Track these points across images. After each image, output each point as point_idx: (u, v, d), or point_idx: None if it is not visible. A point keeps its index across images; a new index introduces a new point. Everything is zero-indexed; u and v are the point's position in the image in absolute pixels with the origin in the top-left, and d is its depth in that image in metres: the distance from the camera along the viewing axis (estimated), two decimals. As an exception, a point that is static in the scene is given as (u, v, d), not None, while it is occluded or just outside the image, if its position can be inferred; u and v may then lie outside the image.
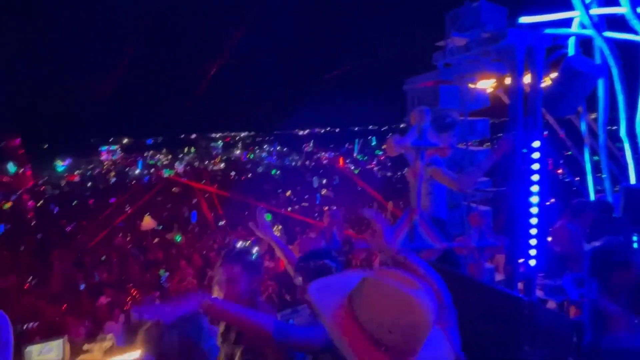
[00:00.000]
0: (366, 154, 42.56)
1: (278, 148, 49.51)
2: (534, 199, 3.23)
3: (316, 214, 12.26)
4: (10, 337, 0.95)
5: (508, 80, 3.66)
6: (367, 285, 0.98)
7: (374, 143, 46.79)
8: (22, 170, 13.68)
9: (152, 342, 1.43)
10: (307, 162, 38.54)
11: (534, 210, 3.25)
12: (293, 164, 39.63)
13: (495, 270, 3.62)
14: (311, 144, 48.44)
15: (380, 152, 41.42)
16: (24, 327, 5.49)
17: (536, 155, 3.22)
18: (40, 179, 25.93)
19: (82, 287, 7.49)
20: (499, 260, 3.70)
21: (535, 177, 3.25)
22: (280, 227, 9.91)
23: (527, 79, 3.48)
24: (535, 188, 3.24)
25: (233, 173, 29.50)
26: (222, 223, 11.89)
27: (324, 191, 19.47)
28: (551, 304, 3.48)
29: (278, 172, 28.01)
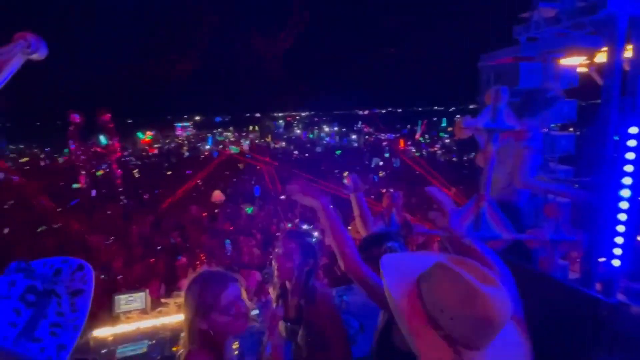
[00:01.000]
0: (430, 136, 40.73)
1: (336, 129, 49.42)
2: (625, 193, 2.85)
3: (373, 196, 12.14)
4: (91, 288, 1.06)
5: (601, 57, 3.20)
6: (440, 270, 0.97)
7: (443, 124, 44.43)
8: (111, 142, 15.39)
9: None
10: (366, 143, 38.02)
11: (624, 205, 2.87)
12: (355, 144, 39.34)
13: (568, 268, 3.31)
14: (370, 125, 47.55)
15: (445, 135, 39.33)
16: (115, 278, 6.34)
17: (632, 142, 2.81)
18: (125, 150, 29.11)
19: (159, 248, 8.38)
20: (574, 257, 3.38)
21: (629, 168, 2.85)
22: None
23: (626, 54, 3.02)
24: (627, 180, 2.85)
25: (295, 152, 30.19)
26: (282, 197, 12.34)
27: (381, 173, 19.16)
28: (635, 310, 3.10)
29: (340, 152, 28.06)
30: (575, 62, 3.79)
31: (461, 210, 2.42)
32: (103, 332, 2.57)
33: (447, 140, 35.48)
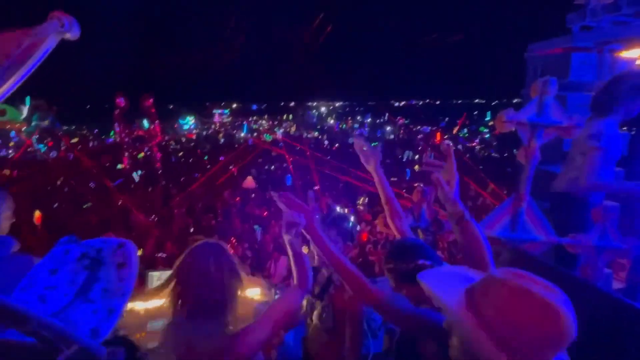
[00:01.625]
0: (469, 130, 39.19)
1: (369, 120, 48.70)
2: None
3: (404, 190, 11.92)
4: (135, 262, 1.12)
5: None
6: (499, 284, 0.92)
7: (487, 118, 42.46)
8: (153, 126, 16.09)
9: None
10: (401, 135, 37.24)
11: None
12: (391, 136, 38.65)
13: (612, 277, 3.08)
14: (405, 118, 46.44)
15: (485, 130, 37.68)
16: (153, 255, 6.69)
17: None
18: (165, 134, 30.38)
19: (192, 230, 8.72)
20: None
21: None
22: (366, 199, 9.92)
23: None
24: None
25: (326, 142, 30.15)
26: (316, 188, 12.43)
27: (416, 167, 18.71)
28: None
29: (378, 144, 27.65)
30: (635, 54, 3.46)
31: (497, 209, 2.31)
32: (136, 306, 2.71)
33: (486, 136, 34.00)
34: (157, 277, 2.89)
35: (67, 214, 10.32)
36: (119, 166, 16.41)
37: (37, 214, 8.98)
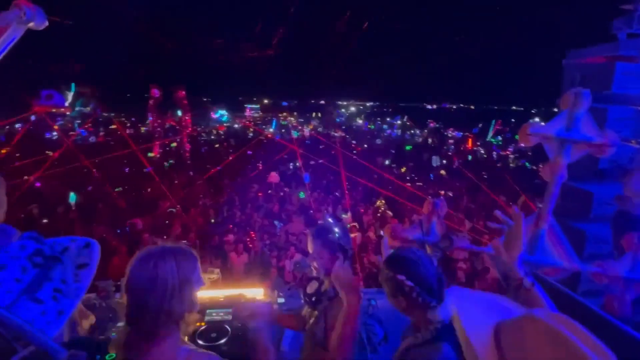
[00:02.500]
0: (503, 138, 37.66)
1: (399, 122, 47.79)
2: None
3: (430, 196, 11.61)
4: (95, 263, 1.07)
5: None
6: (534, 325, 0.83)
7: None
8: (185, 117, 16.56)
9: None
10: (430, 140, 36.33)
11: None
12: (420, 139, 37.79)
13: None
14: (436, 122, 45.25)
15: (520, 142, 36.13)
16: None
17: None
18: (197, 126, 31.23)
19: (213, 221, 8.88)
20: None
21: None
22: (384, 202, 9.73)
23: None
24: None
25: (353, 142, 29.90)
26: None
27: (443, 172, 18.19)
28: None
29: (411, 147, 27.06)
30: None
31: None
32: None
33: (522, 144, 32.60)
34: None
35: (99, 197, 10.79)
36: (150, 154, 17.00)
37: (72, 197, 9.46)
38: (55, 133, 24.37)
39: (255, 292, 2.92)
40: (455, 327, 0.99)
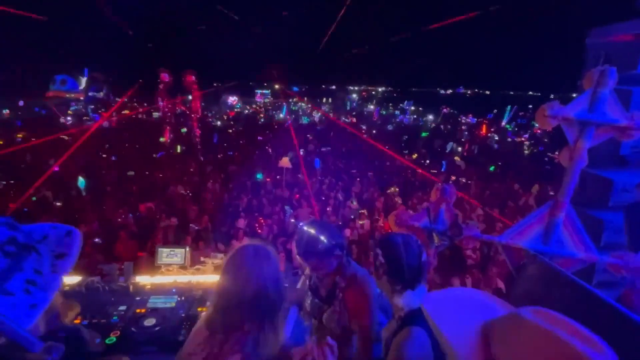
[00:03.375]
0: (517, 124, 36.74)
1: (412, 108, 46.93)
2: None
3: (441, 182, 11.41)
4: (75, 252, 1.00)
5: None
6: (523, 325, 0.78)
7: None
8: (194, 103, 16.52)
9: None
10: (443, 126, 35.65)
11: None
12: (432, 125, 37.11)
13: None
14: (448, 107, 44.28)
15: (537, 124, 35.26)
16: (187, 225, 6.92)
17: None
18: (208, 111, 31.24)
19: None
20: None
21: None
22: (397, 189, 9.60)
23: None
24: None
25: (364, 127, 29.55)
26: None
27: (457, 158, 17.85)
28: None
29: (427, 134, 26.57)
30: None
31: (530, 216, 2.00)
32: (143, 280, 2.73)
33: (538, 131, 31.67)
34: (166, 253, 2.89)
35: (111, 181, 10.94)
36: (162, 139, 17.11)
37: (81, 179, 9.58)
38: (70, 118, 24.74)
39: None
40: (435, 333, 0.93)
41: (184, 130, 19.62)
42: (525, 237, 1.95)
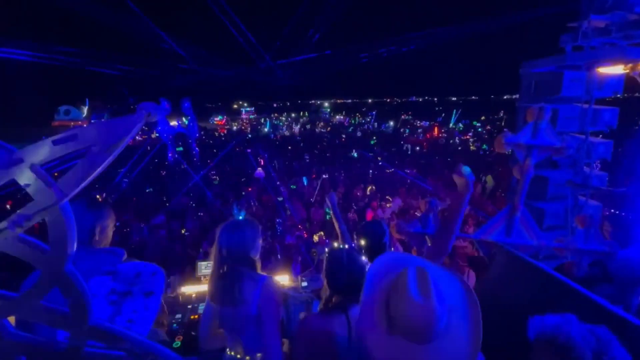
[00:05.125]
0: (464, 124, 38.16)
1: (374, 115, 47.83)
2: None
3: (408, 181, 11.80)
4: (161, 291, 1.11)
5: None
6: (402, 275, 1.01)
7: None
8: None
9: None
10: (402, 130, 36.52)
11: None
12: (393, 130, 37.93)
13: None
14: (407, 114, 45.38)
15: (478, 124, 36.68)
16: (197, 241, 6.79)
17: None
18: (202, 131, 30.70)
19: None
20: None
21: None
22: (373, 187, 9.83)
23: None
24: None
25: (343, 137, 29.77)
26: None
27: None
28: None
29: (375, 139, 27.14)
30: (618, 70, 3.29)
31: (494, 217, 2.29)
32: (188, 290, 2.82)
33: (479, 129, 33.05)
34: (204, 265, 3.00)
35: (131, 195, 10.65)
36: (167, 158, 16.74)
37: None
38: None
39: (282, 278, 3.03)
40: None
41: (180, 149, 19.23)
42: (493, 232, 2.22)
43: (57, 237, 0.68)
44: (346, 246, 1.88)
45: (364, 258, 1.53)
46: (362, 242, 1.87)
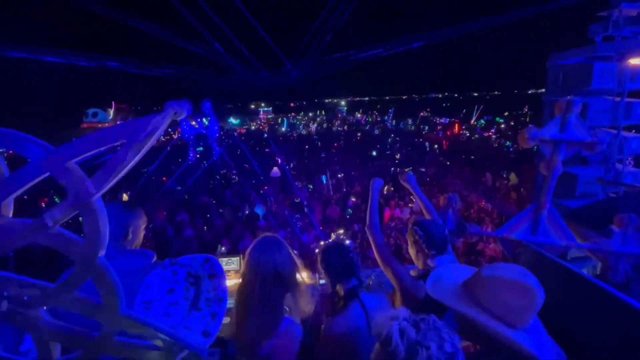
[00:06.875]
0: (486, 121, 37.01)
1: (392, 113, 47.18)
2: None
3: (428, 179, 11.59)
4: (222, 271, 1.19)
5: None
6: (488, 277, 1.11)
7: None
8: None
9: None
10: (422, 127, 35.87)
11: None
12: (412, 128, 37.32)
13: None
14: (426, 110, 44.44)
15: (501, 120, 35.49)
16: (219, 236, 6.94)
17: None
18: (221, 131, 31.40)
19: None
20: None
21: None
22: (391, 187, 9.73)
23: None
24: None
25: (358, 135, 29.62)
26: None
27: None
28: None
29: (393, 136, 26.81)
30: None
31: (519, 214, 2.20)
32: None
33: (502, 126, 31.95)
34: (225, 262, 3.07)
35: (150, 195, 11.05)
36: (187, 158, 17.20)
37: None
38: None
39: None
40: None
41: (200, 148, 19.67)
42: (516, 230, 2.15)
43: (91, 231, 0.72)
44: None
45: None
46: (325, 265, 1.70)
